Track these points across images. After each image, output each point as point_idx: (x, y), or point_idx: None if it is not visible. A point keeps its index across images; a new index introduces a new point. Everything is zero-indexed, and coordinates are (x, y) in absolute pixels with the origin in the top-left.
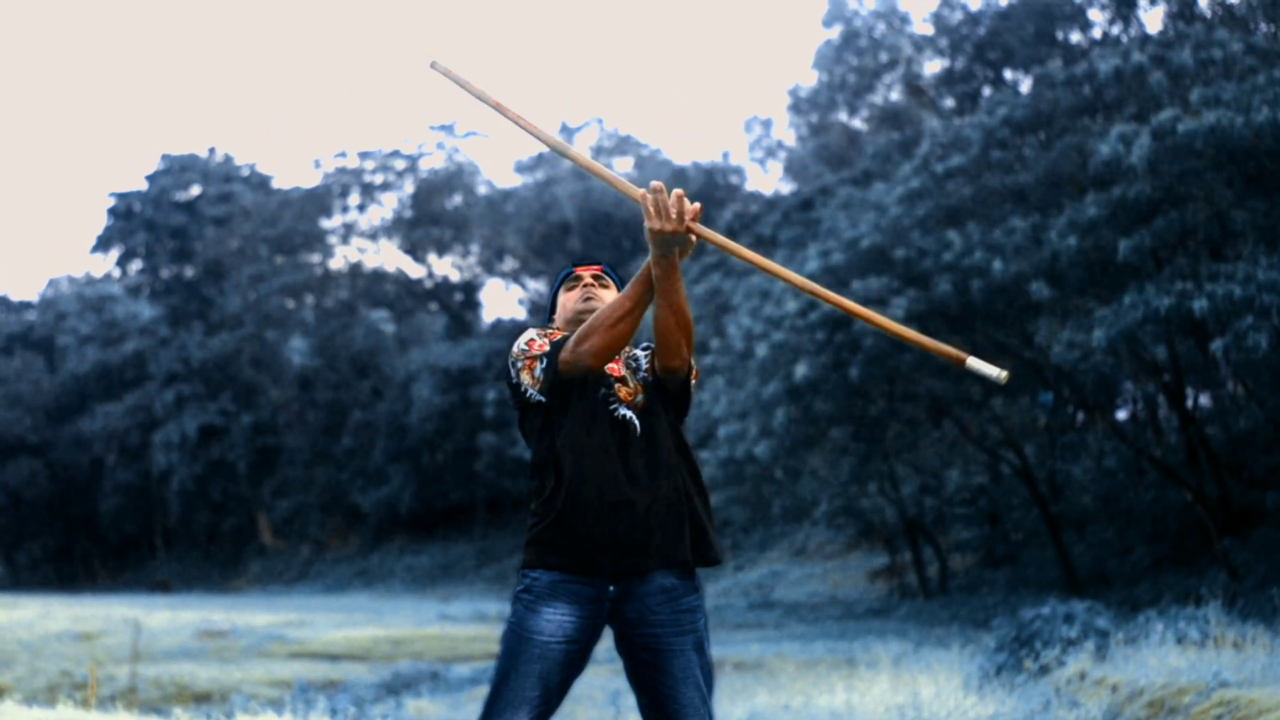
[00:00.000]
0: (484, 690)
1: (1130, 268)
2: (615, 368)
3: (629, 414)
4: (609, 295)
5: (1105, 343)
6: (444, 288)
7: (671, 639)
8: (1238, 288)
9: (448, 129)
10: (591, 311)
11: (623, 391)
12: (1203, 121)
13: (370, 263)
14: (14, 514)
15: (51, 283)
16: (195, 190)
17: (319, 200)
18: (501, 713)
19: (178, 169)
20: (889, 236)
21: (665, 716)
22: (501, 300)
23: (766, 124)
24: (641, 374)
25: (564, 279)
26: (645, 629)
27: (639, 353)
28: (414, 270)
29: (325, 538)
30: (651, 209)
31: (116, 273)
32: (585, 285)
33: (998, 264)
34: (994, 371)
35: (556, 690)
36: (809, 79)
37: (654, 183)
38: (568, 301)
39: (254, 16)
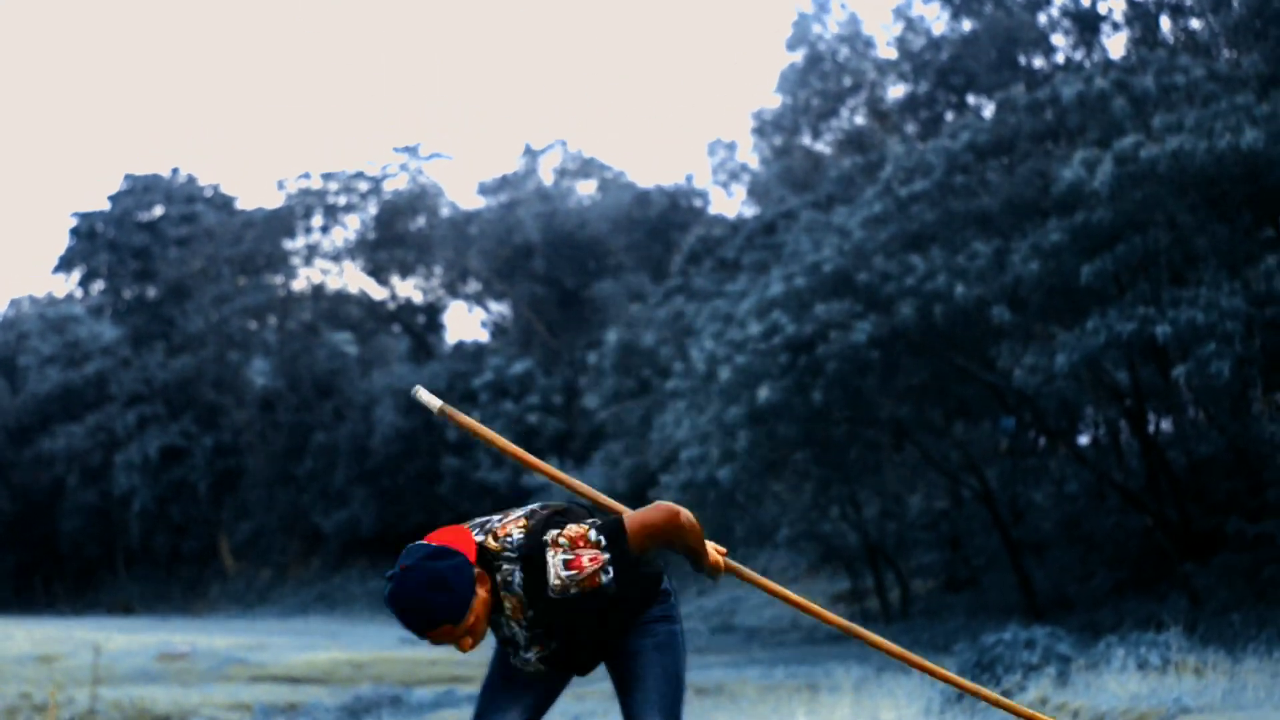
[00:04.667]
0: (446, 714)
1: (1093, 292)
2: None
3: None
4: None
5: (1067, 367)
6: (407, 310)
7: (632, 640)
8: (1200, 314)
9: (411, 150)
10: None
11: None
12: (1165, 147)
13: (333, 284)
14: None
15: (13, 303)
16: (158, 210)
17: (282, 221)
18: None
19: (140, 189)
20: (852, 260)
21: (627, 714)
22: (465, 322)
23: (730, 147)
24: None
25: None
26: (626, 656)
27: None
28: (377, 292)
29: (286, 560)
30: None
31: (79, 293)
32: (458, 647)
33: (960, 288)
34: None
35: (545, 698)
36: (773, 102)
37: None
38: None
39: (217, 37)
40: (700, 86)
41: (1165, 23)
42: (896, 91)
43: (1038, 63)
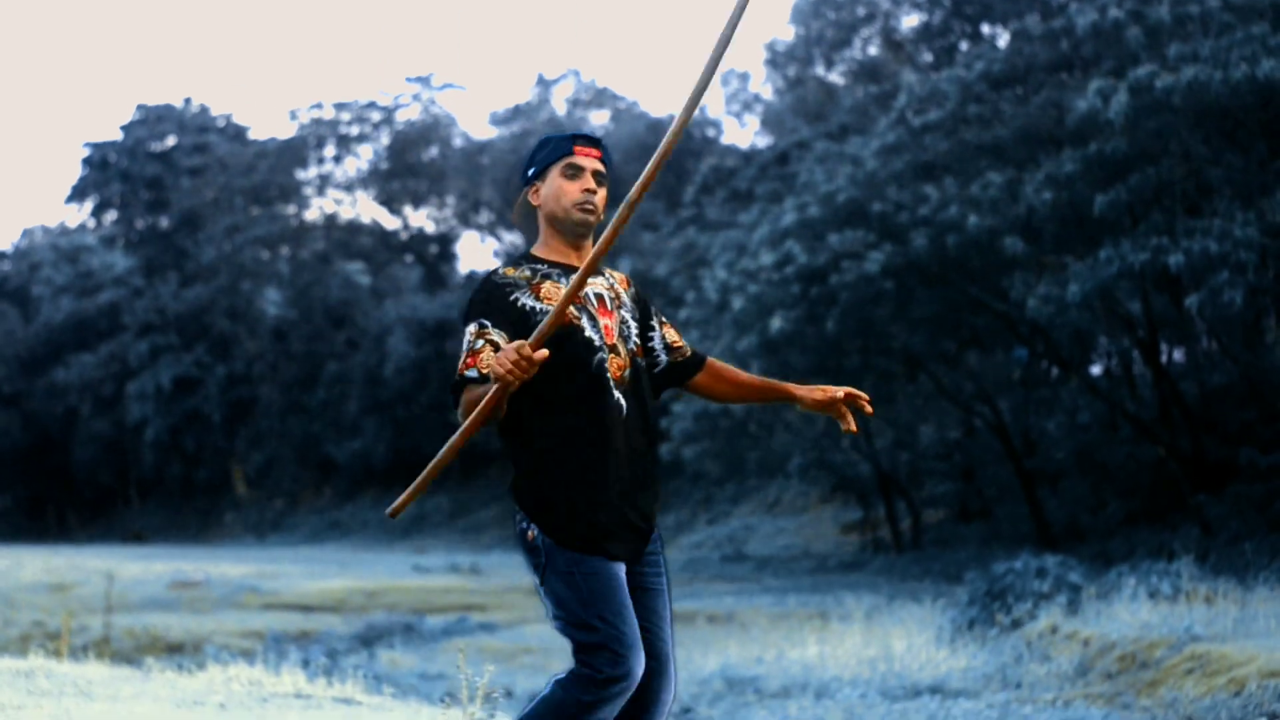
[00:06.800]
0: (458, 641)
1: (1106, 223)
2: (609, 325)
3: (619, 398)
4: (602, 196)
5: (1080, 297)
6: (419, 240)
7: (653, 579)
8: (1214, 244)
9: (424, 80)
10: (588, 223)
11: (614, 364)
12: (1180, 78)
13: (346, 214)
14: None
15: (26, 233)
16: (171, 141)
17: (295, 151)
18: (628, 645)
19: (153, 119)
20: (865, 190)
21: (650, 653)
22: (477, 252)
23: (744, 77)
24: (632, 341)
25: (560, 155)
26: (645, 568)
27: (642, 322)
28: (389, 222)
29: (299, 489)
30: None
31: (91, 223)
32: (585, 189)
33: (973, 218)
34: None
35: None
36: (786, 33)
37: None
38: (563, 192)
39: None
40: (714, 16)
41: None
42: (910, 21)
43: None
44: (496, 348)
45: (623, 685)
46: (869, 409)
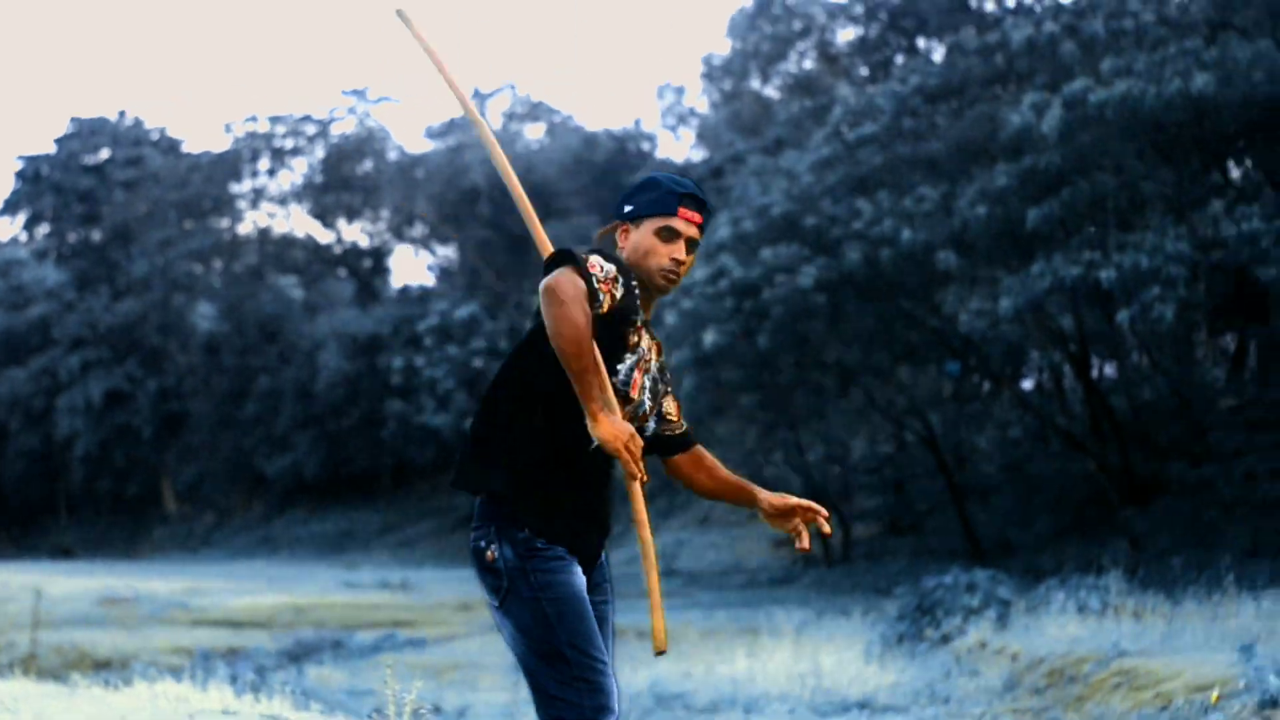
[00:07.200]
0: (387, 657)
1: (1039, 237)
2: (637, 380)
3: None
4: (689, 263)
5: (1012, 312)
6: (353, 254)
7: (606, 607)
8: (1145, 258)
9: (359, 94)
10: (667, 290)
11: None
12: (1114, 91)
13: (279, 228)
14: None
15: None
16: (104, 154)
17: (228, 164)
18: (605, 673)
19: (87, 132)
20: (800, 204)
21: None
22: (410, 266)
23: (679, 91)
24: (645, 406)
25: (662, 211)
26: (596, 596)
27: (663, 401)
28: (323, 236)
29: (229, 504)
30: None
31: (23, 237)
32: (675, 258)
33: (907, 233)
34: None
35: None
36: (722, 46)
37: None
38: (654, 251)
39: None
40: (650, 30)
41: None
42: (846, 35)
43: (989, 5)
44: (591, 280)
45: (607, 717)
46: (826, 528)
